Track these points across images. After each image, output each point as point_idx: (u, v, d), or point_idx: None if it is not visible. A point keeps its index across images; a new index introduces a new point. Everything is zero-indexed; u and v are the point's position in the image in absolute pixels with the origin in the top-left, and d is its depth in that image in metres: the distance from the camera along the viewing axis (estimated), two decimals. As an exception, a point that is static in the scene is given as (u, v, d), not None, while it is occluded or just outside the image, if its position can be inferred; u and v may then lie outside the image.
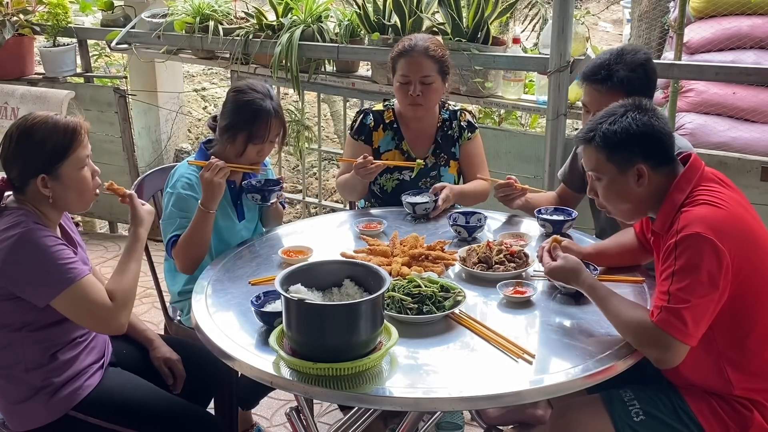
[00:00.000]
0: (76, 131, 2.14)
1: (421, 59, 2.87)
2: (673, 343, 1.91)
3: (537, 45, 4.87)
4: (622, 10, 10.29)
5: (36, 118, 2.14)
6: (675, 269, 1.92)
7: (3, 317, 2.11)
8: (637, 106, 2.06)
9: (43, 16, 4.90)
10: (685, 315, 1.89)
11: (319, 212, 4.87)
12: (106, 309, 2.11)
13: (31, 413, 2.16)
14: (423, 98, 2.89)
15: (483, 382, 1.83)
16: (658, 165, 2.04)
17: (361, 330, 1.81)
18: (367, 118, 3.04)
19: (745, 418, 2.03)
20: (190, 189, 2.61)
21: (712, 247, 1.89)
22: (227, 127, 2.63)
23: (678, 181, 2.04)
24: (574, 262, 2.14)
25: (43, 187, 2.12)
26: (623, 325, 1.98)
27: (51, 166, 2.11)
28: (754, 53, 4.22)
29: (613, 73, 2.51)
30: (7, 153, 2.14)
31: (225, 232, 2.70)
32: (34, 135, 2.11)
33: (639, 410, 2.07)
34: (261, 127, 2.60)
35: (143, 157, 5.42)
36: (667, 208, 2.04)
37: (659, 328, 1.91)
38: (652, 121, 2.03)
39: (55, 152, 2.11)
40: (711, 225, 1.92)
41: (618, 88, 2.50)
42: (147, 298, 4.22)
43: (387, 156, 3.02)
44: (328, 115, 7.05)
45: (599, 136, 2.05)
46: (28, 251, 2.04)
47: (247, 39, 4.29)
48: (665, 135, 2.05)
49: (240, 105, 2.61)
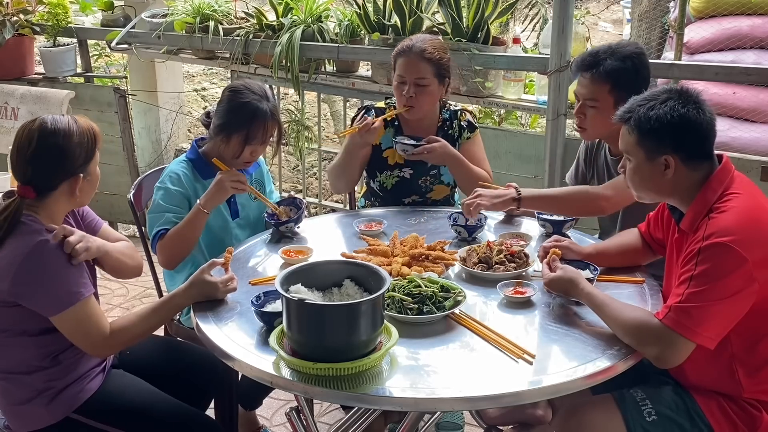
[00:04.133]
0: (95, 130, 2.19)
1: (417, 61, 2.86)
2: (677, 341, 1.89)
3: (537, 45, 4.88)
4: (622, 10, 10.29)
5: (59, 120, 2.13)
6: (694, 274, 1.89)
7: (5, 322, 2.11)
8: (680, 95, 2.00)
9: (43, 16, 4.90)
10: (693, 313, 1.88)
11: (319, 212, 4.87)
12: (101, 336, 2.11)
13: (32, 415, 2.16)
14: (415, 100, 2.88)
15: (483, 382, 1.83)
16: (688, 158, 1.99)
17: (361, 330, 1.81)
18: (369, 113, 3.03)
19: (754, 419, 2.02)
20: (179, 184, 2.62)
21: (735, 257, 1.86)
22: (222, 126, 2.62)
23: (711, 181, 2.00)
24: (572, 272, 2.13)
25: (77, 187, 2.13)
26: (623, 326, 1.97)
27: (86, 165, 2.15)
28: (754, 53, 4.22)
29: (601, 61, 2.52)
30: (28, 156, 2.09)
31: (218, 230, 2.70)
32: (70, 138, 2.11)
33: (651, 410, 2.06)
34: (257, 129, 2.59)
35: (143, 157, 5.42)
36: (697, 207, 2.00)
37: (665, 326, 1.90)
38: (691, 113, 1.97)
39: (90, 150, 2.15)
40: (738, 235, 1.88)
41: (604, 77, 2.51)
42: (146, 298, 4.22)
43: (387, 153, 3.02)
44: (328, 115, 7.05)
45: (634, 119, 2.01)
46: (41, 266, 2.03)
47: (247, 39, 4.29)
48: (703, 129, 1.99)
49: (236, 106, 2.60)
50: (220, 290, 2.18)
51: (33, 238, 2.05)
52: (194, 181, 2.67)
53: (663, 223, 2.25)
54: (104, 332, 2.11)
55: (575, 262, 2.27)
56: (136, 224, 3.00)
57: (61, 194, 2.14)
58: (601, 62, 2.52)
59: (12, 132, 4.79)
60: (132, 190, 2.90)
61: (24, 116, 4.76)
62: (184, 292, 2.19)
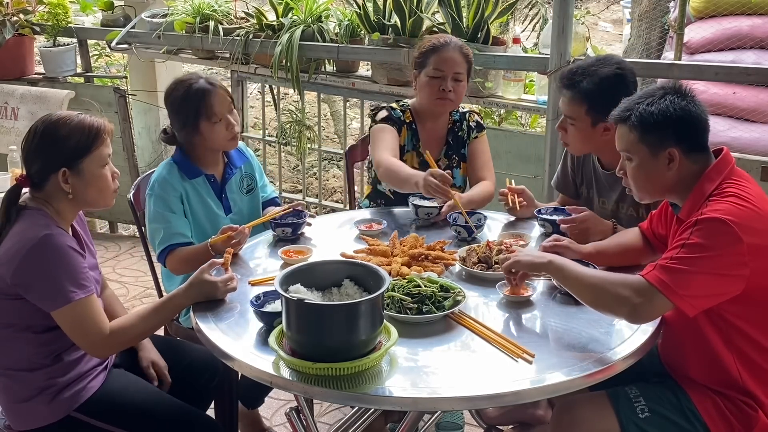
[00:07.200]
0: (100, 130, 2.18)
1: (456, 55, 2.89)
2: (655, 297, 1.89)
3: (537, 45, 4.88)
4: (622, 10, 10.30)
5: (62, 115, 2.18)
6: (686, 242, 1.90)
7: (9, 316, 2.12)
8: (676, 90, 2.04)
9: (43, 16, 4.90)
10: (678, 275, 1.88)
11: (319, 212, 4.87)
12: (100, 336, 2.11)
13: (33, 413, 2.16)
14: (454, 94, 2.90)
15: (483, 382, 1.83)
16: (690, 151, 2.02)
17: (360, 330, 1.81)
18: (395, 111, 3.00)
19: (750, 418, 2.02)
20: (169, 186, 2.64)
21: (731, 235, 1.87)
22: (183, 123, 2.66)
23: (709, 172, 2.02)
24: (530, 249, 2.12)
25: (64, 182, 2.13)
26: (599, 284, 1.97)
27: (73, 161, 2.14)
28: (754, 53, 4.22)
29: (577, 82, 2.51)
30: (30, 147, 2.16)
31: (212, 228, 2.70)
32: (60, 130, 2.13)
33: (645, 407, 2.06)
34: (211, 105, 2.63)
35: (143, 157, 5.42)
36: (695, 197, 2.02)
37: (647, 281, 1.90)
38: (690, 106, 2.01)
39: (79, 147, 2.14)
40: (737, 217, 1.89)
41: (579, 98, 2.51)
42: (147, 298, 4.23)
43: (406, 158, 3.00)
44: (328, 115, 7.06)
45: (635, 116, 2.03)
46: (44, 258, 2.04)
47: (247, 39, 4.29)
48: (701, 122, 2.03)
49: (180, 99, 2.65)
50: (220, 290, 2.18)
51: (39, 231, 2.06)
52: (182, 181, 2.68)
53: (666, 219, 2.25)
54: (103, 332, 2.11)
55: (575, 261, 2.27)
56: (136, 224, 3.00)
57: (54, 189, 2.15)
58: (577, 83, 2.51)
59: (12, 132, 4.79)
60: (132, 190, 2.91)
61: (24, 116, 4.76)
62: (184, 292, 2.19)
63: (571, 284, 2.04)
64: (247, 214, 2.84)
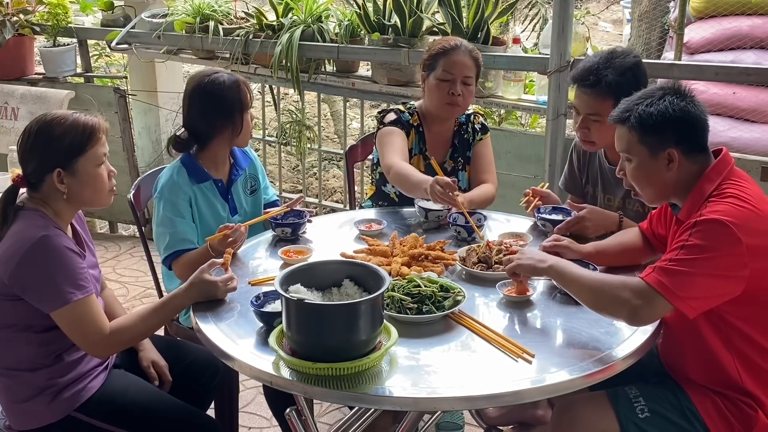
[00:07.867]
0: (95, 129, 2.17)
1: (466, 59, 2.88)
2: (655, 299, 1.89)
3: (537, 45, 4.88)
4: (622, 10, 10.31)
5: (56, 114, 2.17)
6: (685, 244, 1.90)
7: (8, 317, 2.12)
8: (675, 91, 2.04)
9: (43, 16, 4.91)
10: (677, 277, 1.87)
11: (319, 212, 4.87)
12: (100, 336, 2.11)
13: (33, 413, 2.16)
14: (462, 98, 2.89)
15: (483, 382, 1.83)
16: (689, 151, 2.02)
17: (360, 330, 1.81)
18: (403, 115, 2.99)
19: (749, 418, 2.02)
20: (178, 189, 2.63)
21: (730, 236, 1.87)
22: (223, 116, 2.64)
23: (709, 172, 2.02)
24: (530, 251, 2.13)
25: (59, 183, 2.13)
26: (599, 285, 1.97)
27: (68, 161, 2.13)
28: (754, 53, 4.22)
29: (602, 77, 2.51)
30: (25, 147, 2.15)
31: (217, 229, 2.69)
32: (54, 130, 2.13)
33: (644, 407, 2.06)
34: (246, 95, 2.68)
35: (143, 157, 5.42)
36: (694, 198, 2.02)
37: (646, 284, 1.89)
38: (689, 107, 2.01)
39: (73, 147, 2.13)
40: (736, 218, 1.89)
41: (606, 92, 2.51)
42: (147, 298, 4.23)
43: (413, 161, 2.99)
44: (328, 115, 7.06)
45: (635, 117, 2.03)
46: (41, 259, 2.04)
47: (247, 39, 4.29)
48: (701, 122, 2.03)
49: (218, 91, 2.64)
50: (220, 290, 2.18)
51: (37, 232, 2.06)
52: (191, 185, 2.67)
53: (665, 220, 2.25)
54: (103, 332, 2.11)
55: (575, 261, 2.27)
56: (136, 224, 3.00)
57: (51, 190, 2.14)
58: (602, 78, 2.51)
59: (12, 132, 4.80)
60: (132, 190, 2.90)
61: (24, 116, 4.77)
62: (184, 292, 2.19)
63: (572, 288, 2.04)
64: (250, 215, 2.84)
